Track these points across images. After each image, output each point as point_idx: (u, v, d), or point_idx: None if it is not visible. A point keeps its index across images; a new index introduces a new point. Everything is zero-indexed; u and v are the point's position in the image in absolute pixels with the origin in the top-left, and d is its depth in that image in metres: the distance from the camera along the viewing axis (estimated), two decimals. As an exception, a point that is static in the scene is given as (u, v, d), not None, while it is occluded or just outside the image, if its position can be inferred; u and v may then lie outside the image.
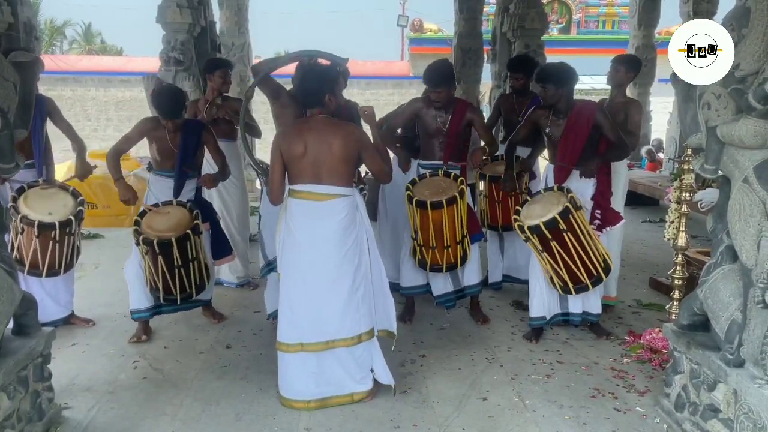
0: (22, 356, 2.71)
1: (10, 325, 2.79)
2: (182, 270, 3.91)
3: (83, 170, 4.41)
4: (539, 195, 4.06)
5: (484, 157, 4.50)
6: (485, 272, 4.90)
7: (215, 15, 7.74)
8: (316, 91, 3.23)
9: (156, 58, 6.96)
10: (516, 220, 3.90)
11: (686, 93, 2.80)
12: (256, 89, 4.06)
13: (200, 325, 4.33)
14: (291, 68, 3.85)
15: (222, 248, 4.37)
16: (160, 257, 3.81)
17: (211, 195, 4.76)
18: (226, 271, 5.08)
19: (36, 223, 3.81)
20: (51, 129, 4.36)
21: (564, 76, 3.98)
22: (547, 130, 4.12)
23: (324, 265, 3.18)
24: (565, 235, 3.75)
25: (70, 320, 4.25)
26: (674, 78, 2.74)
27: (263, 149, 4.49)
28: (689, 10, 8.82)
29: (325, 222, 3.17)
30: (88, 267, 5.60)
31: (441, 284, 4.34)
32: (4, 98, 2.50)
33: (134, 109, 18.60)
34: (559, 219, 3.73)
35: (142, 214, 3.97)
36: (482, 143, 4.44)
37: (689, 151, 3.80)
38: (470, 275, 4.33)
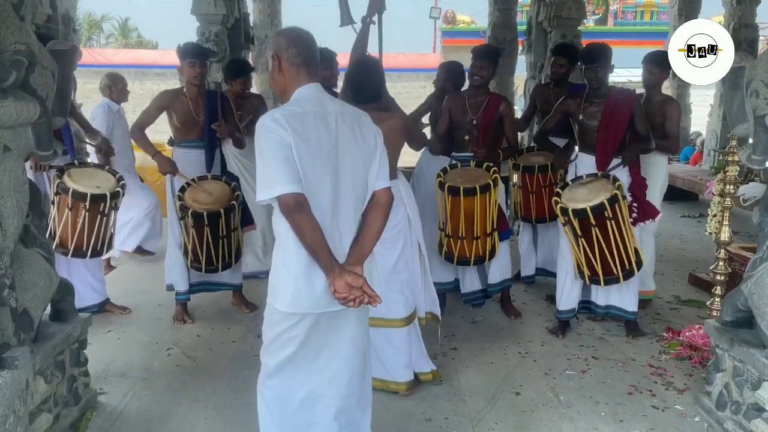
0: (59, 341, 2.76)
1: (48, 310, 2.84)
2: (225, 240, 4.06)
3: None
4: (581, 179, 3.95)
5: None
6: (516, 268, 4.82)
7: (249, 7, 7.76)
8: (376, 86, 3.21)
9: (191, 50, 7.00)
10: (557, 202, 3.81)
11: (733, 81, 2.70)
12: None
13: (232, 315, 4.36)
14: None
15: (245, 218, 4.40)
16: (207, 229, 3.95)
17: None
18: (255, 262, 5.09)
19: (88, 195, 3.87)
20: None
21: (610, 55, 3.91)
22: (580, 118, 4.02)
23: None
24: (608, 222, 3.66)
25: (105, 308, 4.31)
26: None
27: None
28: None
29: None
30: (124, 255, 5.68)
31: (469, 281, 4.28)
32: (43, 86, 2.52)
33: (169, 102, 18.82)
34: (607, 205, 3.63)
35: (182, 190, 4.04)
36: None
37: (734, 142, 3.68)
38: (498, 273, 4.25)
